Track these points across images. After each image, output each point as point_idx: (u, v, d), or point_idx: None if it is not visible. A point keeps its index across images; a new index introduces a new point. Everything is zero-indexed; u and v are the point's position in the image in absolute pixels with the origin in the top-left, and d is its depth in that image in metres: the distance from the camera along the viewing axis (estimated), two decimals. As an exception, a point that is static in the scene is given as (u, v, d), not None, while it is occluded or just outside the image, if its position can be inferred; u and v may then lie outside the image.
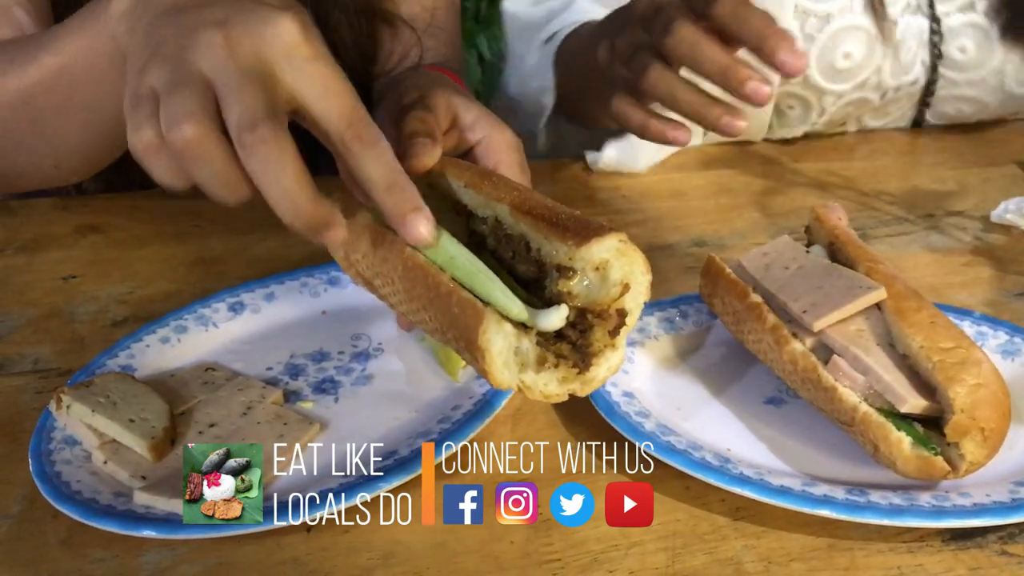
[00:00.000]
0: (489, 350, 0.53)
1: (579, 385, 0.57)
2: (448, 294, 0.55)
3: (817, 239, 0.75)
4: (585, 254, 0.55)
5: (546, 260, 0.57)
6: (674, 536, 0.61)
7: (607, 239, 0.55)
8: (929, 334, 0.62)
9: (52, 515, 0.62)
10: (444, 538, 0.60)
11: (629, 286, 0.56)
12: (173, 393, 0.71)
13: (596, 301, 0.56)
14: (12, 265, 0.94)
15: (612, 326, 0.56)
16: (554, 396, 0.56)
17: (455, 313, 0.55)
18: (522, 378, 0.55)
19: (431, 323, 0.58)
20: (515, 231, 0.59)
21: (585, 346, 0.56)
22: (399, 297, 0.60)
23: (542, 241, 0.57)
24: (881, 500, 0.60)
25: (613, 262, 0.56)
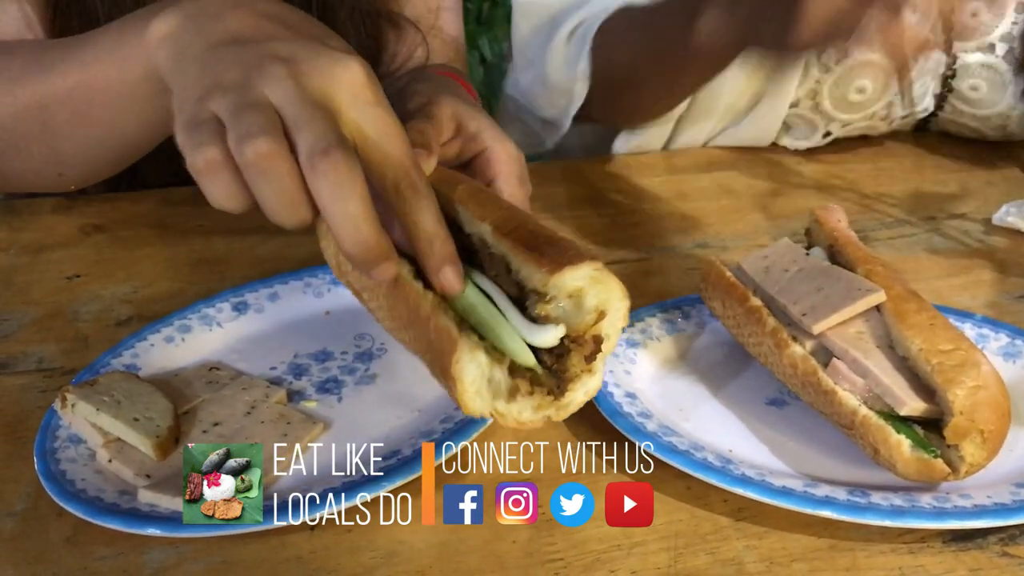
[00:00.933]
0: (461, 379, 0.53)
1: (554, 411, 0.57)
2: (426, 318, 0.55)
3: (817, 241, 0.76)
4: (558, 281, 0.55)
5: (524, 283, 0.57)
6: (676, 536, 0.61)
7: (580, 268, 0.54)
8: (928, 336, 0.63)
9: (57, 513, 0.62)
10: (447, 537, 0.60)
11: (605, 313, 0.56)
12: (177, 392, 0.71)
13: (572, 327, 0.56)
14: (16, 264, 0.94)
15: (588, 352, 0.56)
16: (529, 423, 0.56)
17: (431, 339, 0.55)
18: (495, 406, 0.55)
19: (411, 344, 0.58)
20: (497, 251, 0.58)
21: (561, 371, 0.56)
22: (383, 313, 0.61)
23: (520, 264, 0.56)
24: (882, 501, 0.60)
25: (588, 290, 0.55)
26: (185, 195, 1.07)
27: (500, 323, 0.56)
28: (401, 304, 0.57)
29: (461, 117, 0.70)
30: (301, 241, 0.96)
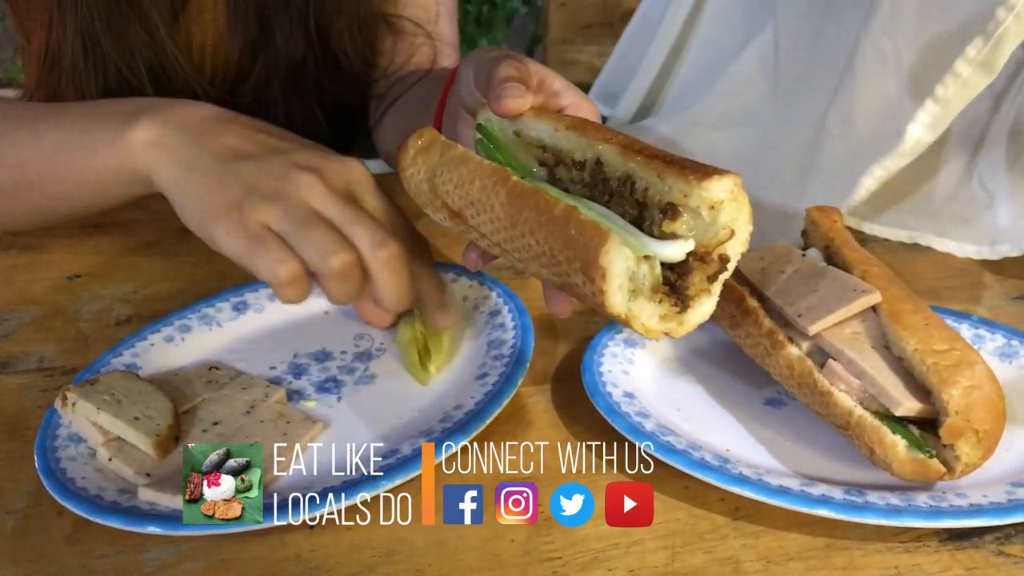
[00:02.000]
0: (610, 269, 0.52)
1: (675, 325, 0.56)
2: (565, 216, 0.55)
3: (813, 242, 0.76)
4: (704, 191, 0.54)
5: (651, 200, 0.56)
6: (674, 535, 0.61)
7: (726, 179, 0.54)
8: (923, 336, 0.63)
9: (57, 511, 0.62)
10: (446, 536, 0.61)
11: (734, 232, 0.56)
12: (177, 391, 0.71)
13: (701, 243, 0.55)
14: (17, 264, 0.94)
15: (712, 271, 0.56)
16: (652, 331, 0.55)
17: (571, 235, 0.54)
18: (631, 306, 0.54)
19: (535, 248, 0.57)
20: (619, 171, 0.58)
21: (684, 288, 0.55)
22: (497, 225, 0.60)
23: (652, 179, 0.56)
24: (879, 500, 0.60)
25: (727, 204, 0.55)
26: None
27: (627, 232, 0.56)
28: (527, 208, 0.57)
29: (544, 73, 0.70)
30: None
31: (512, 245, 0.59)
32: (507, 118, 0.65)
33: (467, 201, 0.61)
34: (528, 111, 0.64)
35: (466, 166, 0.61)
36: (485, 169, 0.60)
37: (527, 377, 0.72)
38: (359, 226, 0.65)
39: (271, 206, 0.65)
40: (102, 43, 0.95)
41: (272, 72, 1.06)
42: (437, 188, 0.63)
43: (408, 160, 0.66)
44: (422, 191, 0.65)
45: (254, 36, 1.05)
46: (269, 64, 1.06)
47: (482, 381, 0.72)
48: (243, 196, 0.66)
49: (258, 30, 1.04)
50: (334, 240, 0.65)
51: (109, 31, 0.95)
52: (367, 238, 0.65)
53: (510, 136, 0.65)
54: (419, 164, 0.65)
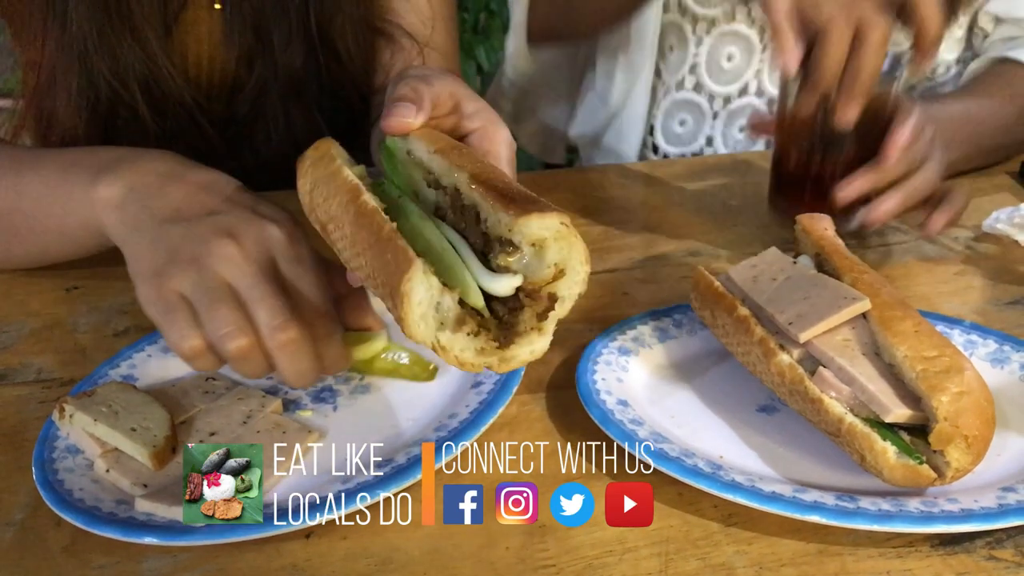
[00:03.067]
0: (409, 297, 0.53)
1: (496, 360, 0.56)
2: (387, 239, 0.56)
3: (804, 250, 0.77)
4: (523, 227, 0.55)
5: (491, 232, 0.57)
6: (667, 542, 0.62)
7: (547, 217, 0.55)
8: (913, 343, 0.63)
9: (55, 523, 0.63)
10: (440, 544, 0.61)
11: (564, 272, 0.56)
12: (174, 402, 0.72)
13: (529, 280, 0.56)
14: (15, 276, 0.95)
15: (541, 309, 0.56)
16: (468, 364, 0.56)
17: (387, 259, 0.55)
18: (439, 336, 0.55)
19: (366, 268, 0.59)
20: (469, 201, 0.59)
21: (512, 324, 0.56)
22: (345, 242, 0.61)
23: (489, 211, 0.57)
24: (870, 506, 0.61)
25: (551, 243, 0.55)
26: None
27: (457, 262, 0.57)
28: (365, 228, 0.58)
29: (460, 96, 0.71)
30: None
31: (355, 264, 0.60)
32: (396, 136, 0.66)
33: (329, 216, 0.63)
34: (419, 131, 0.65)
35: (334, 181, 0.63)
36: (345, 186, 0.61)
37: (522, 385, 0.72)
38: (261, 307, 0.64)
39: (185, 276, 0.65)
40: (94, 58, 0.96)
41: (270, 81, 1.07)
42: (314, 199, 0.65)
43: (303, 170, 0.68)
44: (304, 201, 0.67)
45: (250, 46, 1.05)
46: (266, 73, 1.06)
47: (477, 390, 0.72)
48: (165, 262, 0.67)
49: (255, 39, 1.05)
50: (234, 321, 0.64)
51: (101, 46, 0.96)
52: (265, 321, 0.64)
53: (403, 156, 0.66)
54: (308, 175, 0.67)
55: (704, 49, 1.22)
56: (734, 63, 1.21)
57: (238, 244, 0.66)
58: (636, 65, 1.26)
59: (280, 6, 1.03)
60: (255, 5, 1.03)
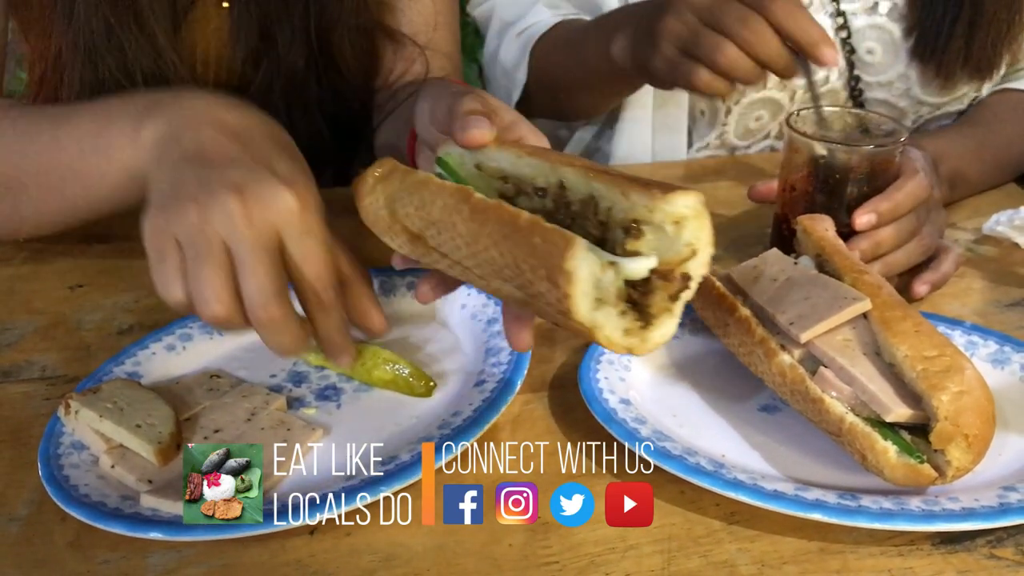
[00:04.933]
0: (576, 273, 0.52)
1: (638, 342, 0.55)
2: (530, 226, 0.55)
3: (805, 250, 0.77)
4: (668, 206, 0.54)
5: (614, 220, 0.56)
6: (670, 539, 0.62)
7: (690, 195, 0.55)
8: (913, 343, 0.64)
9: (60, 518, 0.63)
10: (444, 540, 0.62)
11: (696, 252, 0.56)
12: (179, 399, 0.72)
13: (664, 261, 0.55)
14: (20, 274, 0.95)
15: (674, 290, 0.55)
16: (615, 345, 0.55)
17: (536, 243, 0.54)
18: (595, 315, 0.54)
19: (499, 260, 0.57)
20: (582, 193, 0.58)
21: (647, 306, 0.55)
22: (459, 242, 0.60)
23: (616, 198, 0.56)
24: (872, 504, 0.61)
25: (691, 221, 0.55)
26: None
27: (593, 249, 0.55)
28: (490, 222, 0.57)
29: (496, 106, 0.71)
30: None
31: (474, 261, 0.59)
32: (470, 150, 0.65)
33: (428, 222, 0.62)
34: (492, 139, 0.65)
35: (427, 188, 0.62)
36: (447, 189, 0.61)
37: (524, 384, 0.73)
38: (251, 277, 0.63)
39: (185, 222, 0.63)
40: (101, 52, 0.97)
41: (274, 81, 1.07)
42: (397, 213, 0.64)
43: (367, 189, 0.67)
44: (381, 218, 0.66)
45: (256, 45, 1.06)
46: (271, 73, 1.07)
47: (480, 388, 0.72)
48: (172, 204, 0.65)
49: (260, 39, 1.05)
50: (218, 286, 0.63)
51: (108, 40, 0.96)
52: (251, 293, 0.63)
53: (470, 169, 0.65)
54: (378, 192, 0.66)
55: (733, 119, 1.21)
56: (761, 123, 1.20)
57: (243, 203, 0.63)
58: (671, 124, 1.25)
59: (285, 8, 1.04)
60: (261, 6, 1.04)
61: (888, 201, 0.85)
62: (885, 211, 0.85)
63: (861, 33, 1.13)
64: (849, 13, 1.13)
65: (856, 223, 0.84)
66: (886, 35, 1.13)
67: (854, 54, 1.14)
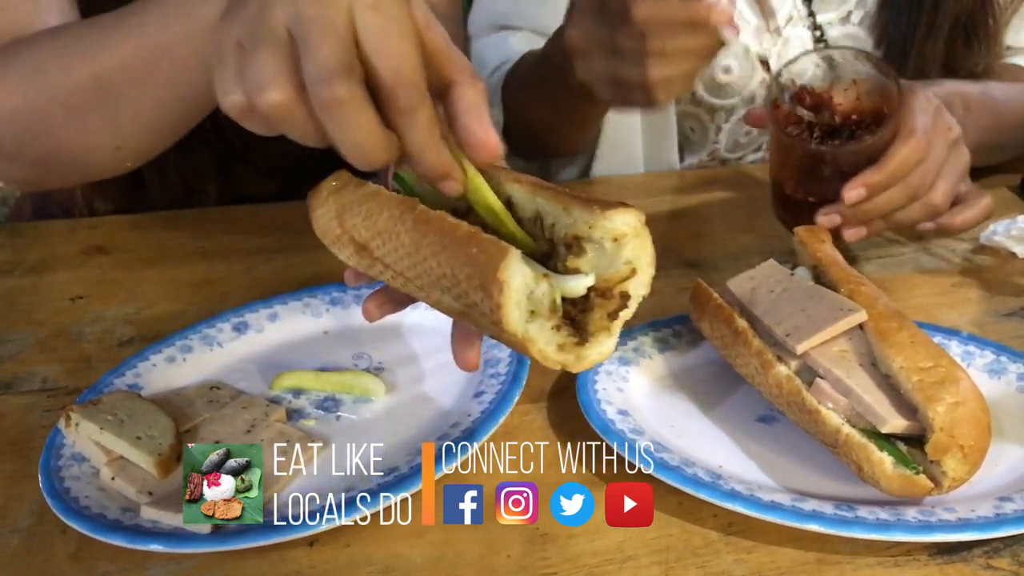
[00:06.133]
0: (509, 283, 0.52)
1: (573, 358, 0.56)
2: (468, 236, 0.55)
3: (802, 262, 0.77)
4: (607, 222, 0.54)
5: (558, 235, 0.57)
6: (667, 550, 0.62)
7: (631, 212, 0.55)
8: (909, 354, 0.64)
9: (61, 530, 0.63)
10: (442, 551, 0.62)
11: (635, 271, 0.56)
12: (179, 411, 0.72)
13: (603, 278, 0.56)
14: (20, 286, 0.96)
15: (613, 308, 0.56)
16: (550, 359, 0.55)
17: (473, 253, 0.54)
18: (528, 328, 0.54)
19: (437, 270, 0.57)
20: (529, 210, 0.59)
21: (584, 324, 0.56)
22: (401, 252, 0.60)
23: (559, 214, 0.56)
24: (868, 515, 0.61)
25: (630, 239, 0.55)
26: (187, 218, 1.09)
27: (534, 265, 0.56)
28: (432, 232, 0.57)
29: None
30: (301, 262, 0.98)
31: (415, 271, 0.59)
32: None
33: (374, 232, 0.62)
34: None
35: (375, 199, 0.62)
36: (394, 200, 0.61)
37: (523, 395, 0.73)
38: (311, 53, 0.53)
39: (244, 18, 0.55)
40: None
41: None
42: (345, 223, 0.64)
43: (320, 200, 0.67)
44: (331, 228, 0.66)
45: None
46: None
47: (479, 399, 0.73)
48: (236, 6, 0.57)
49: None
50: (275, 68, 0.53)
51: None
52: (313, 70, 0.52)
53: (426, 186, 0.66)
54: (330, 203, 0.65)
55: (724, 136, 1.21)
56: (752, 136, 1.20)
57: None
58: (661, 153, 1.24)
59: None
60: None
61: (881, 172, 0.84)
62: (876, 183, 0.84)
63: (837, 42, 1.14)
64: (825, 24, 1.14)
65: (847, 197, 0.84)
66: (860, 43, 1.14)
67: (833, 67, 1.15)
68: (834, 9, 1.14)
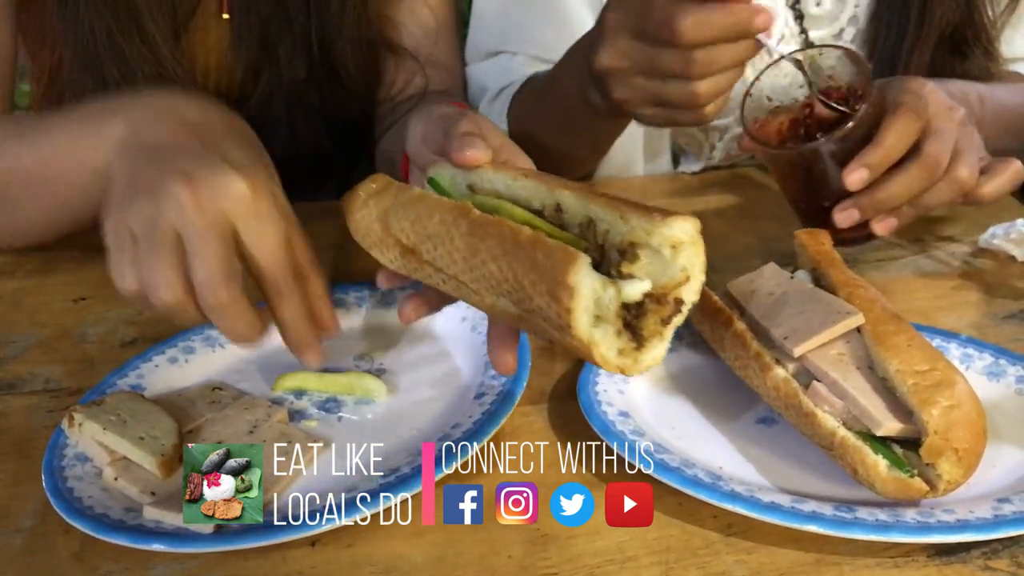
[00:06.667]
0: (578, 288, 0.53)
1: (631, 362, 0.56)
2: (532, 241, 0.55)
3: (802, 264, 0.78)
4: (668, 229, 0.55)
5: (611, 243, 0.57)
6: (668, 551, 0.63)
7: (688, 221, 0.56)
8: (905, 357, 0.64)
9: (64, 529, 0.64)
10: (443, 552, 0.62)
11: (689, 277, 0.57)
12: (181, 412, 0.73)
13: (658, 285, 0.56)
14: (23, 287, 0.96)
15: (667, 313, 0.56)
16: (609, 363, 0.55)
17: (538, 259, 0.55)
18: (593, 331, 0.54)
19: (497, 274, 0.58)
20: (579, 215, 0.59)
21: (639, 328, 0.56)
22: (456, 256, 0.60)
23: (615, 220, 0.57)
24: (867, 516, 0.62)
25: (687, 247, 0.56)
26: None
27: None
28: (490, 236, 0.58)
29: (486, 128, 0.72)
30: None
31: (471, 275, 0.60)
32: (464, 170, 0.66)
33: (424, 235, 0.62)
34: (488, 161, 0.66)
35: (423, 203, 0.63)
36: (445, 204, 0.61)
37: (524, 396, 0.73)
38: (200, 261, 0.63)
39: (140, 214, 0.64)
40: (103, 60, 0.98)
41: (275, 91, 1.09)
42: (391, 227, 0.65)
43: (359, 204, 0.67)
44: (373, 231, 0.67)
45: (257, 56, 1.07)
46: (272, 83, 1.08)
47: (480, 401, 0.73)
48: (129, 196, 0.66)
49: (261, 50, 1.06)
50: (167, 272, 0.63)
51: (110, 47, 0.98)
52: (201, 276, 0.63)
53: (463, 190, 0.66)
54: (371, 207, 0.66)
55: (718, 152, 1.20)
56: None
57: (193, 190, 0.63)
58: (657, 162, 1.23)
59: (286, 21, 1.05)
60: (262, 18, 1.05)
61: (877, 148, 0.82)
62: (876, 161, 0.82)
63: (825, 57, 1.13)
64: (817, 41, 1.13)
65: (848, 183, 0.82)
66: None
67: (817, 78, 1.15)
68: (826, 26, 1.13)
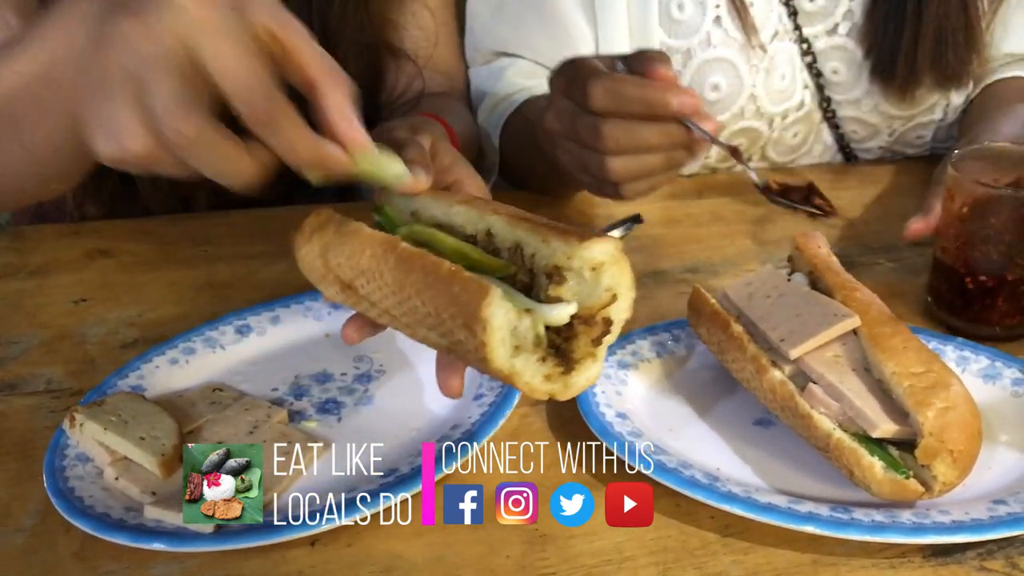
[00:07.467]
0: (491, 322, 0.53)
1: (560, 387, 0.57)
2: (450, 275, 0.56)
3: (799, 267, 0.78)
4: (585, 252, 0.55)
5: (538, 266, 0.58)
6: (665, 551, 0.63)
7: (607, 242, 0.56)
8: (901, 359, 0.65)
9: (65, 529, 0.64)
10: (443, 552, 0.62)
11: (616, 296, 0.57)
12: (182, 412, 0.73)
13: (585, 306, 0.57)
14: (24, 289, 0.96)
15: (596, 334, 0.57)
16: (537, 391, 0.56)
17: (455, 292, 0.55)
18: (513, 362, 0.55)
19: (422, 308, 0.58)
20: (508, 241, 0.60)
21: (568, 351, 0.57)
22: (386, 291, 0.61)
23: (539, 244, 0.58)
24: (864, 517, 0.62)
25: (608, 267, 0.56)
26: (189, 221, 1.10)
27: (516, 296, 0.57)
28: (415, 271, 0.58)
29: (437, 150, 0.72)
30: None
31: (400, 309, 0.60)
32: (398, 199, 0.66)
33: (358, 271, 0.62)
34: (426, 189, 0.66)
35: (357, 237, 0.63)
36: (376, 239, 0.62)
37: (523, 398, 0.74)
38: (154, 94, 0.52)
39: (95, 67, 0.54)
40: None
41: None
42: (329, 262, 0.64)
43: (304, 239, 0.67)
44: (316, 267, 0.66)
45: None
46: None
47: (479, 402, 0.73)
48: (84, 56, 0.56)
49: None
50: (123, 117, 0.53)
51: None
52: (159, 110, 0.52)
53: (407, 217, 0.67)
54: (314, 242, 0.66)
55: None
56: (720, 93, 1.13)
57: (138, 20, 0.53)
58: None
59: None
60: None
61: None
62: None
63: (824, 55, 1.13)
64: (811, 37, 1.14)
65: None
66: (848, 54, 1.13)
67: (821, 76, 1.15)
68: (820, 22, 1.13)
